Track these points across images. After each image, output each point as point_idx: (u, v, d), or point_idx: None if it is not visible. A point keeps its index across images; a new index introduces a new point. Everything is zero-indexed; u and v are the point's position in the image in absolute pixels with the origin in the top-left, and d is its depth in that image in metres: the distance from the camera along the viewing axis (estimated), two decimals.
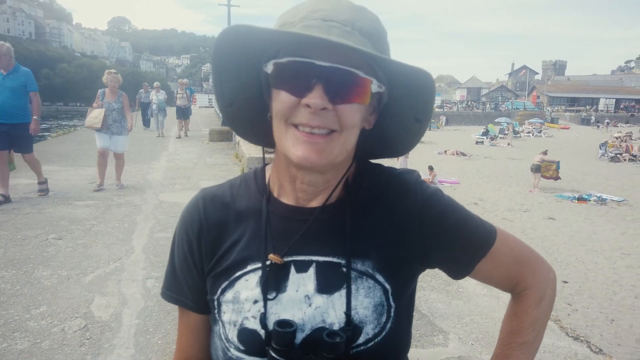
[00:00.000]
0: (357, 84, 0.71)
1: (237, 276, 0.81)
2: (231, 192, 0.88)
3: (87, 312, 3.51)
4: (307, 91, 0.70)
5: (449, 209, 0.85)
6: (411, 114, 0.80)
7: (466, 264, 0.86)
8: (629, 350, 5.53)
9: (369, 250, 0.80)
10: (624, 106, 70.46)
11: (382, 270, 0.80)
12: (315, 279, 0.78)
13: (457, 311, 3.74)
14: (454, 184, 15.62)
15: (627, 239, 10.03)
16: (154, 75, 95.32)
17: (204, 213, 0.86)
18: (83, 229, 5.43)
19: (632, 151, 23.92)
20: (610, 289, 7.38)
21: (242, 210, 0.85)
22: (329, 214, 0.82)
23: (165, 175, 9.10)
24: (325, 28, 0.70)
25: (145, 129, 18.19)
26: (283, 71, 0.72)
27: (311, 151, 0.71)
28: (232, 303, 0.81)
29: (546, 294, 0.89)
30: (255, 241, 0.82)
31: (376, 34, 0.75)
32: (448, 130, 40.91)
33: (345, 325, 0.76)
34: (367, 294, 0.78)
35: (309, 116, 0.70)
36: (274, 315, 0.77)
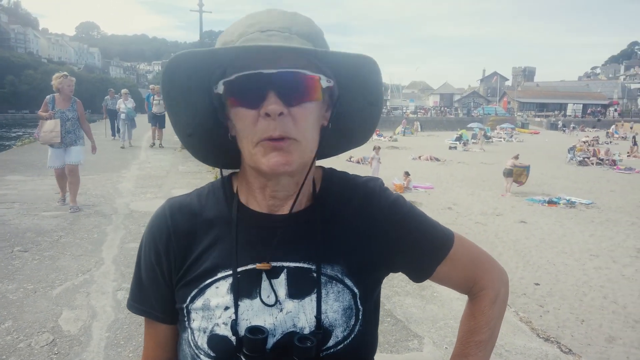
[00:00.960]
0: (307, 83, 0.73)
1: (207, 284, 0.81)
2: (199, 201, 0.88)
3: (55, 326, 3.41)
4: (262, 100, 0.72)
5: (410, 215, 0.89)
6: (364, 100, 0.85)
7: (427, 267, 0.90)
8: (598, 350, 5.66)
9: (337, 256, 0.82)
10: (591, 111, 72.65)
11: (350, 275, 0.82)
12: (286, 284, 0.80)
13: (431, 316, 3.76)
14: (429, 189, 15.78)
15: (596, 241, 10.31)
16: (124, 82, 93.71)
17: (172, 222, 0.86)
18: (50, 241, 5.27)
19: (599, 155, 24.63)
20: (580, 290, 7.55)
21: (211, 219, 0.85)
22: (299, 221, 0.83)
23: (137, 183, 8.94)
24: (265, 38, 0.73)
25: (114, 138, 17.52)
26: (234, 88, 0.74)
27: (279, 157, 0.73)
28: (202, 310, 0.81)
29: (500, 294, 0.93)
30: (225, 249, 0.82)
31: (313, 34, 0.78)
32: (422, 135, 41.41)
33: (315, 329, 0.78)
34: (337, 298, 0.80)
35: (271, 126, 0.72)
36: (245, 321, 0.78)
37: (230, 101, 0.76)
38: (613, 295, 7.34)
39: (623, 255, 9.35)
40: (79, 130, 6.78)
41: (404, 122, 43.88)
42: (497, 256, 8.99)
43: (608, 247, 9.87)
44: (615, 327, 6.28)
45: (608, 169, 22.19)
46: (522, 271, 8.27)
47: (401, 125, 42.06)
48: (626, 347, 5.75)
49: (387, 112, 56.78)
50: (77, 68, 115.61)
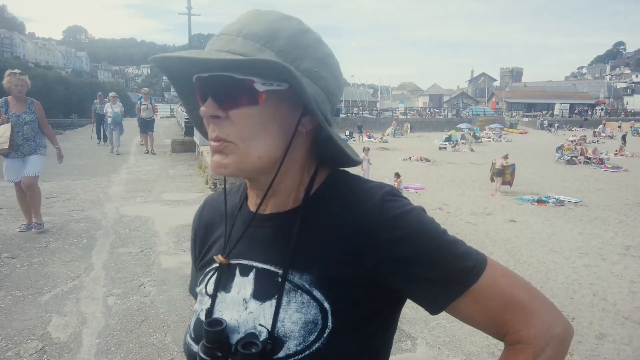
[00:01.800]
0: (238, 87, 0.71)
1: (207, 272, 0.89)
2: (229, 197, 0.94)
3: (44, 333, 3.36)
4: (204, 103, 0.75)
5: (419, 233, 0.74)
6: None
7: (439, 300, 0.75)
8: (589, 347, 5.72)
9: (311, 264, 0.75)
10: (578, 111, 73.42)
11: (321, 287, 0.74)
12: (253, 284, 0.80)
13: (424, 316, 3.77)
14: (419, 190, 15.85)
15: (585, 239, 10.41)
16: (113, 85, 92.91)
17: (199, 216, 0.99)
18: (38, 247, 5.21)
19: (587, 154, 24.88)
20: (570, 287, 7.62)
21: (223, 215, 0.91)
22: (278, 222, 0.82)
23: (126, 188, 8.87)
24: (212, 41, 0.76)
25: (99, 143, 17.06)
26: (195, 88, 0.78)
27: (218, 158, 0.75)
28: (200, 295, 0.89)
29: (544, 354, 0.71)
30: (221, 243, 0.89)
31: (274, 33, 0.73)
32: (412, 136, 41.56)
33: (267, 338, 0.73)
34: (299, 309, 0.73)
35: (210, 127, 0.76)
36: (218, 312, 0.81)
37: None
38: (602, 292, 7.42)
39: (612, 252, 9.45)
40: (40, 137, 5.91)
41: (394, 123, 44.01)
42: (488, 255, 9.02)
43: (597, 244, 9.98)
44: (605, 324, 6.34)
45: (596, 168, 22.43)
46: (512, 270, 8.31)
47: (391, 127, 42.19)
48: (616, 344, 5.80)
49: (377, 113, 56.97)
50: (64, 72, 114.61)
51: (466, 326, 0.88)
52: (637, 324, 6.37)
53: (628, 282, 7.88)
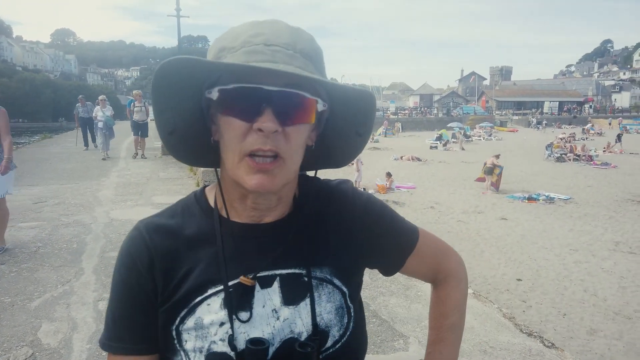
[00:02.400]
0: (304, 105, 0.73)
1: (197, 302, 0.79)
2: (175, 220, 0.86)
3: (34, 339, 3.33)
4: (258, 115, 0.71)
5: (382, 212, 0.94)
6: (352, 129, 0.85)
7: (397, 261, 0.95)
8: (580, 343, 5.76)
9: (324, 259, 0.84)
10: (567, 108, 74.06)
11: (338, 275, 0.84)
12: (280, 292, 0.80)
13: (416, 315, 3.78)
14: (411, 189, 15.90)
15: (575, 235, 10.50)
16: (102, 88, 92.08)
17: (152, 243, 0.82)
18: (28, 252, 5.16)
19: (576, 151, 25.11)
20: (561, 284, 7.68)
21: (193, 237, 0.83)
22: (283, 228, 0.84)
23: (116, 191, 8.81)
24: (270, 53, 0.71)
25: (86, 149, 16.26)
26: (230, 97, 0.72)
27: (264, 179, 0.73)
28: (195, 330, 0.79)
29: (462, 278, 1.00)
30: (212, 264, 0.81)
31: (314, 54, 0.78)
32: (403, 136, 41.71)
33: (312, 333, 0.79)
34: (329, 299, 0.82)
35: (261, 140, 0.71)
36: (243, 334, 0.77)
37: (223, 109, 0.74)
38: (593, 288, 7.49)
39: (601, 248, 9.55)
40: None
41: (385, 123, 44.13)
42: (480, 253, 9.11)
43: (587, 241, 10.07)
44: (596, 319, 6.40)
45: (585, 165, 22.65)
46: (504, 267, 8.38)
47: (382, 127, 42.30)
48: (607, 339, 5.86)
49: None
50: (53, 75, 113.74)
51: None
52: (627, 318, 6.44)
53: (618, 277, 7.96)
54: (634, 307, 6.80)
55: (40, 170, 11.42)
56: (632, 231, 10.83)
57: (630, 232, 10.79)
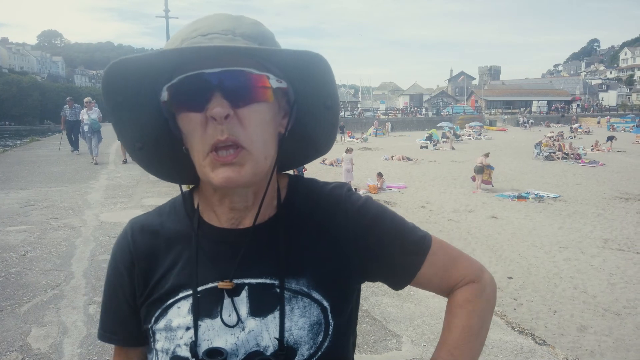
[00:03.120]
0: (254, 82, 0.70)
1: (170, 304, 0.79)
2: (160, 220, 0.86)
3: (24, 344, 3.29)
4: (207, 102, 0.68)
5: (380, 217, 0.84)
6: (320, 103, 0.79)
7: (406, 272, 0.85)
8: (571, 339, 5.81)
9: (303, 268, 0.78)
10: (555, 107, 74.81)
11: (318, 288, 0.78)
12: (248, 302, 0.76)
13: (409, 314, 3.79)
14: (402, 189, 15.95)
15: (564, 233, 10.60)
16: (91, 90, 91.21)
17: (133, 244, 0.84)
18: (16, 256, 5.10)
19: (564, 149, 25.36)
20: (551, 281, 7.74)
21: (172, 237, 0.83)
22: (261, 234, 0.80)
23: (106, 194, 8.74)
24: (206, 41, 0.69)
25: (73, 151, 15.76)
26: (178, 92, 0.70)
27: (230, 172, 0.70)
28: (165, 331, 0.78)
29: (486, 288, 0.87)
30: (186, 267, 0.79)
31: (261, 36, 0.74)
32: (394, 136, 41.83)
33: (278, 349, 0.74)
34: (303, 314, 0.76)
35: (218, 130, 0.68)
36: (206, 342, 0.75)
37: (176, 107, 0.72)
38: (583, 285, 7.56)
39: (590, 246, 9.64)
40: None
41: (375, 123, 44.26)
42: (471, 252, 9.15)
43: (576, 238, 10.17)
44: (586, 316, 6.46)
45: (573, 163, 22.87)
46: (494, 266, 8.42)
47: (373, 127, 42.41)
48: (597, 336, 5.92)
49: (358, 114, 57.19)
50: (40, 78, 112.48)
51: None
52: (616, 315, 6.50)
53: (607, 274, 8.04)
54: (623, 303, 6.88)
55: (28, 174, 11.30)
56: (621, 228, 10.96)
57: (619, 229, 10.91)
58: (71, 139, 15.92)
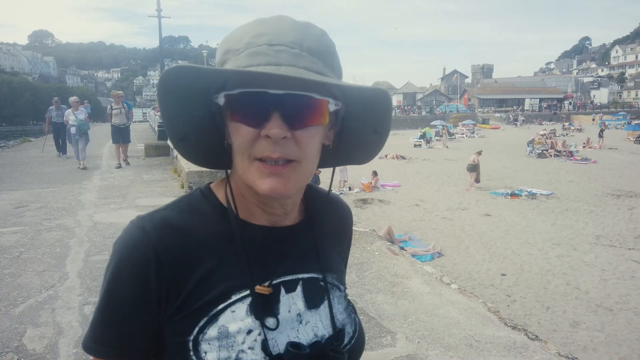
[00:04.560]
0: (314, 107, 0.70)
1: (220, 309, 0.74)
2: (183, 218, 0.78)
3: (19, 345, 3.28)
4: (265, 121, 0.68)
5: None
6: (369, 127, 0.82)
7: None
8: (564, 335, 5.87)
9: (331, 264, 0.90)
10: (547, 105, 75.24)
11: (340, 280, 0.91)
12: (303, 295, 0.81)
13: (403, 311, 3.82)
14: (396, 187, 16.00)
15: (557, 230, 10.68)
16: (83, 90, 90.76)
17: (161, 245, 0.74)
18: (10, 257, 5.08)
19: (557, 147, 25.53)
20: (544, 278, 7.81)
21: (205, 237, 0.77)
22: (301, 233, 0.86)
23: (99, 194, 8.70)
24: (273, 54, 0.68)
25: (59, 155, 14.68)
26: (236, 103, 0.69)
27: (277, 182, 0.70)
28: (219, 339, 0.72)
29: None
30: (233, 268, 0.76)
31: (325, 50, 0.74)
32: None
33: (333, 333, 0.82)
34: (340, 301, 0.87)
35: (270, 147, 0.68)
36: (272, 340, 0.74)
37: (230, 115, 0.71)
38: (575, 281, 7.63)
39: (583, 242, 9.73)
40: None
41: None
42: (464, 249, 9.22)
43: (568, 235, 10.25)
44: (578, 312, 6.53)
45: (566, 161, 23.05)
46: (488, 263, 8.48)
47: None
48: (589, 331, 5.98)
49: None
50: (31, 78, 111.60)
51: (445, 319, 1.00)
52: (608, 310, 6.57)
53: (599, 270, 8.12)
54: (615, 299, 6.95)
55: (20, 175, 11.23)
56: (612, 225, 11.06)
57: (611, 225, 11.01)
58: (58, 143, 14.88)
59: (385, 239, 7.21)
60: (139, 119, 39.42)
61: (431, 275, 4.65)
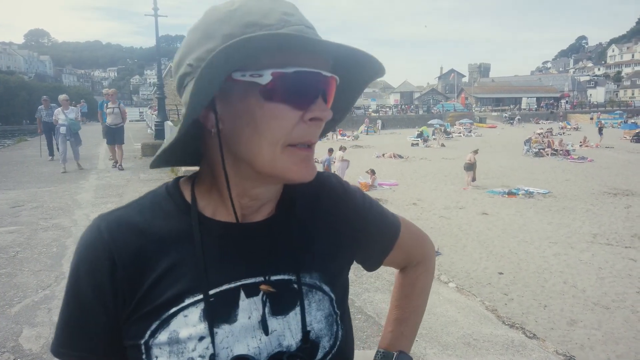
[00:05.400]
0: (334, 88, 0.69)
1: (172, 313, 0.69)
2: (143, 216, 0.73)
3: (16, 345, 3.27)
4: (311, 103, 0.65)
5: (368, 204, 0.89)
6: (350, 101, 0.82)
7: (379, 256, 0.92)
8: (561, 333, 5.88)
9: (313, 262, 0.77)
10: (544, 104, 75.41)
11: (327, 281, 0.77)
12: (268, 300, 0.72)
13: None
14: (393, 186, 16.00)
15: (554, 228, 10.70)
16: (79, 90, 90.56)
17: (115, 245, 0.70)
18: (6, 257, 5.06)
19: (553, 146, 25.59)
20: (541, 276, 7.82)
21: (164, 236, 0.71)
22: (272, 228, 0.76)
23: (96, 194, 8.68)
24: (313, 34, 0.66)
25: (51, 159, 13.61)
26: (286, 83, 0.62)
27: (310, 167, 0.68)
28: (169, 345, 0.68)
29: (433, 264, 1.03)
30: (189, 270, 0.70)
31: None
32: (385, 133, 41.92)
33: (302, 344, 0.72)
34: (319, 307, 0.75)
35: (313, 131, 0.66)
36: (226, 349, 0.68)
37: (272, 95, 0.63)
38: (572, 280, 7.64)
39: (580, 241, 9.75)
40: None
41: (366, 120, 44.34)
42: (462, 248, 9.22)
43: (565, 234, 10.27)
44: (575, 310, 6.54)
45: (562, 159, 23.09)
46: (485, 261, 8.49)
47: (364, 124, 42.47)
48: (587, 329, 5.99)
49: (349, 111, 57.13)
50: (27, 77, 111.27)
51: (442, 318, 0.98)
52: (605, 308, 6.59)
53: (596, 268, 8.14)
54: (612, 297, 6.97)
55: (16, 174, 11.18)
56: (609, 223, 11.08)
57: (607, 224, 11.03)
58: (50, 144, 13.80)
59: None
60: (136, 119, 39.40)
61: None
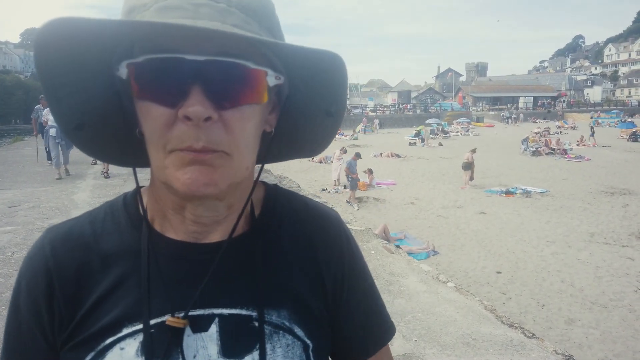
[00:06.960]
0: (248, 79, 0.54)
1: (108, 344, 0.59)
2: (92, 229, 0.65)
3: None
4: (182, 98, 0.52)
5: (365, 271, 0.74)
6: (321, 107, 0.65)
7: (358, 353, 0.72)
8: (559, 332, 5.89)
9: (285, 298, 0.64)
10: (541, 103, 75.54)
11: (300, 322, 0.64)
12: (218, 338, 0.60)
13: (399, 310, 3.80)
14: (391, 185, 16.00)
15: (551, 227, 10.71)
16: None
17: (54, 261, 0.62)
18: (2, 257, 5.03)
19: (551, 145, 25.63)
20: (539, 275, 7.83)
21: (111, 253, 0.63)
22: (234, 252, 0.64)
23: (93, 193, 8.65)
24: (191, 9, 0.51)
25: (50, 164, 11.73)
26: (143, 75, 0.53)
27: (201, 175, 0.53)
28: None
29: None
30: (132, 293, 0.60)
31: (261, 9, 0.57)
32: (382, 133, 41.93)
33: None
34: (286, 354, 0.62)
35: (191, 133, 0.52)
36: None
37: (137, 91, 0.54)
38: (570, 279, 7.65)
39: (577, 240, 9.76)
40: None
41: (364, 120, 44.35)
42: (460, 247, 9.22)
43: (563, 233, 10.28)
44: (573, 309, 6.54)
45: (560, 158, 23.12)
46: (484, 261, 8.49)
47: (362, 124, 42.47)
48: (584, 328, 6.00)
49: (347, 111, 57.33)
50: (24, 76, 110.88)
51: (441, 318, 0.93)
52: (603, 307, 6.60)
53: (594, 267, 8.15)
54: (610, 296, 6.98)
55: (13, 174, 11.14)
56: (607, 222, 11.10)
57: (605, 223, 11.05)
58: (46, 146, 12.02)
59: (381, 237, 7.20)
60: None
61: (427, 274, 4.65)
